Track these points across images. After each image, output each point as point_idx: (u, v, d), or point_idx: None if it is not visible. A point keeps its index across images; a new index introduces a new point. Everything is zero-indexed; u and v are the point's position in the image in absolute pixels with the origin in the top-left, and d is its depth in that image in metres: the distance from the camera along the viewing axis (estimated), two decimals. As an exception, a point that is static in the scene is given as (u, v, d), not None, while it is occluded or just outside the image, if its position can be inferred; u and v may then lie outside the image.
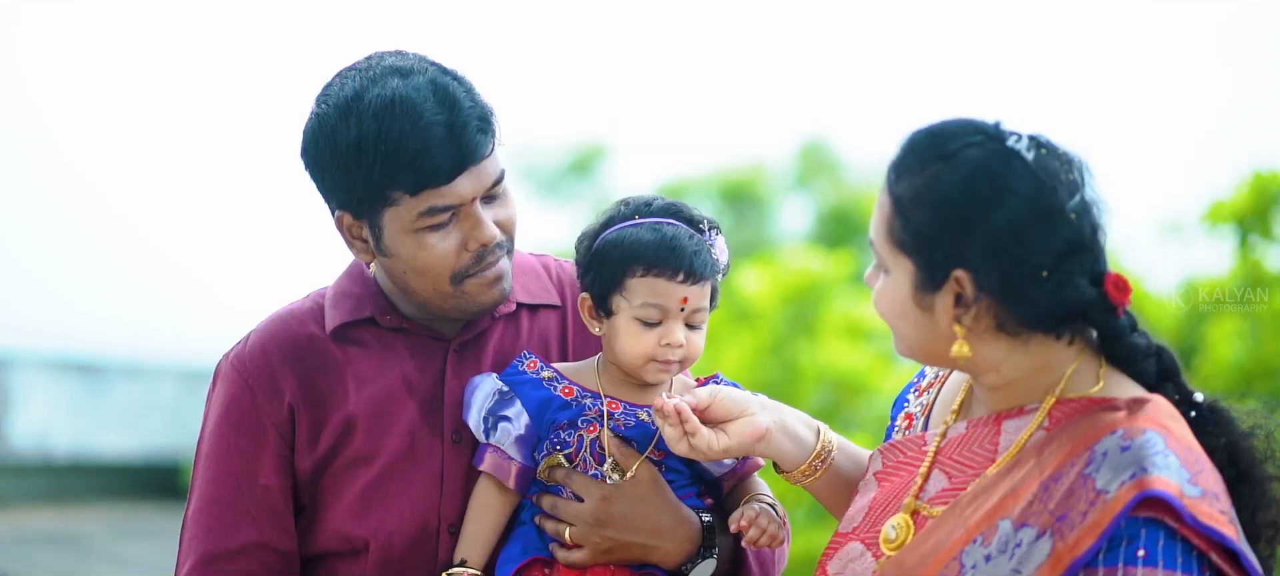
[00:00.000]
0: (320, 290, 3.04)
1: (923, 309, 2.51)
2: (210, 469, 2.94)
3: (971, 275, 2.46)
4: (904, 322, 2.54)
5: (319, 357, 2.94)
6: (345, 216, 2.88)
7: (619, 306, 2.83)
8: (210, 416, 2.97)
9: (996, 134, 2.50)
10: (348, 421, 2.92)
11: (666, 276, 2.80)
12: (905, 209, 2.49)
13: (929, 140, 2.52)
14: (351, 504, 2.91)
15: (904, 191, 2.50)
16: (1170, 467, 2.36)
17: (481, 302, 2.90)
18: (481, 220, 2.84)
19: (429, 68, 2.84)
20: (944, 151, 2.49)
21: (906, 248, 2.50)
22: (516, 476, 2.86)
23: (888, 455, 2.71)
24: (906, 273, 2.51)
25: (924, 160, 2.50)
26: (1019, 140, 2.49)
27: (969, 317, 2.48)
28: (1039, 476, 2.43)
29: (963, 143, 2.50)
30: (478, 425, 2.87)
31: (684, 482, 2.90)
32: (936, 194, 2.47)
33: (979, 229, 2.45)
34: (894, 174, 2.53)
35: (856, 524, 2.66)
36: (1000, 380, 2.54)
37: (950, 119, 2.55)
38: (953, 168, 2.47)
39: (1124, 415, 2.44)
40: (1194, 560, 2.35)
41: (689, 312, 2.81)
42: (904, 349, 2.60)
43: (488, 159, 2.83)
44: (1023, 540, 2.39)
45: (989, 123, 2.53)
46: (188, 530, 2.94)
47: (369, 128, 2.77)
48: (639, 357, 2.82)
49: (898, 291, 2.53)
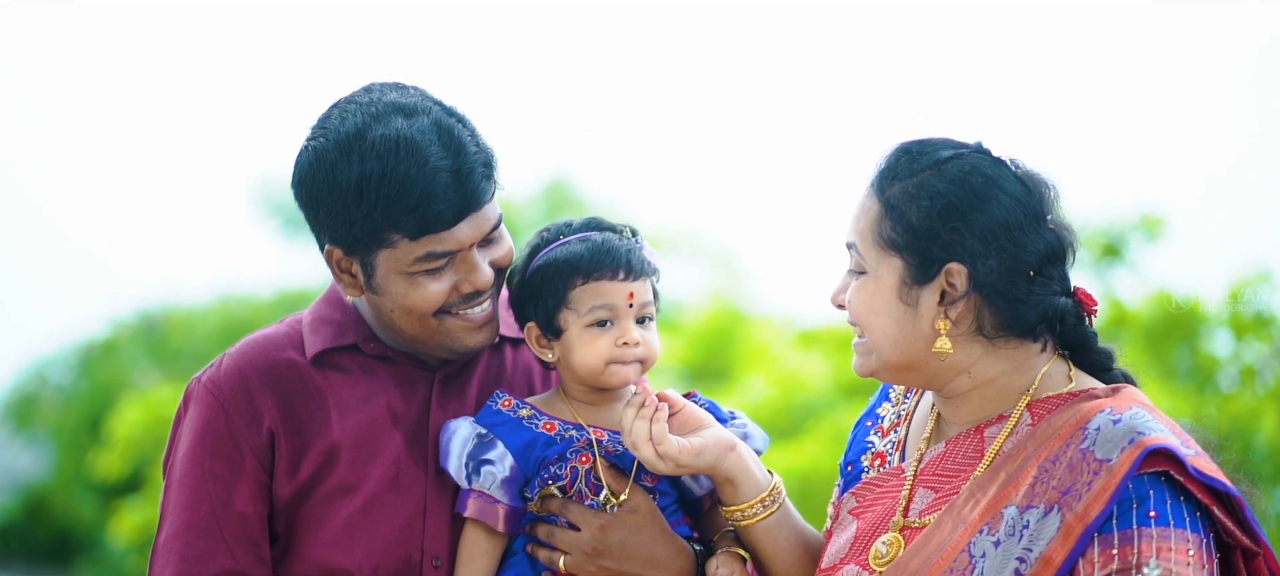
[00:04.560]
0: (295, 316, 2.99)
1: (907, 304, 2.61)
2: (183, 495, 2.86)
3: (966, 269, 2.57)
4: (882, 320, 2.62)
5: (299, 383, 2.89)
6: (336, 251, 2.83)
7: (567, 321, 2.86)
8: (182, 440, 2.89)
9: (981, 148, 2.65)
10: (331, 449, 2.87)
11: (608, 277, 2.84)
12: (898, 209, 2.60)
13: (920, 148, 2.65)
14: (333, 534, 2.86)
15: (895, 194, 2.61)
16: (1161, 430, 2.51)
17: (466, 344, 2.88)
18: (477, 265, 2.82)
19: (433, 108, 2.80)
20: (937, 159, 2.62)
21: (897, 245, 2.60)
22: (505, 518, 2.86)
23: (863, 494, 2.78)
24: (893, 270, 2.61)
25: (915, 166, 2.62)
26: (1000, 155, 2.65)
27: (954, 312, 2.59)
28: (1037, 460, 2.53)
29: (954, 151, 2.64)
30: (458, 470, 2.85)
31: (671, 508, 2.93)
32: (932, 189, 2.59)
33: (975, 221, 2.57)
34: (884, 180, 2.63)
35: (844, 554, 2.72)
36: (970, 383, 2.64)
37: (935, 136, 2.68)
38: (946, 170, 2.60)
39: (1106, 399, 2.58)
40: (1199, 519, 2.49)
41: (638, 308, 2.85)
42: (872, 359, 2.66)
43: (489, 204, 2.81)
44: (1030, 520, 2.49)
45: (967, 140, 2.67)
46: (159, 557, 2.86)
47: (372, 168, 2.73)
48: (598, 363, 2.84)
49: (880, 289, 2.62)
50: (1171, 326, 8.37)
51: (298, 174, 2.82)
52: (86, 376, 15.18)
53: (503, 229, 2.87)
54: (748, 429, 2.95)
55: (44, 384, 15.60)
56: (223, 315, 14.21)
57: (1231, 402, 7.65)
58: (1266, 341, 7.90)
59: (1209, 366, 8.09)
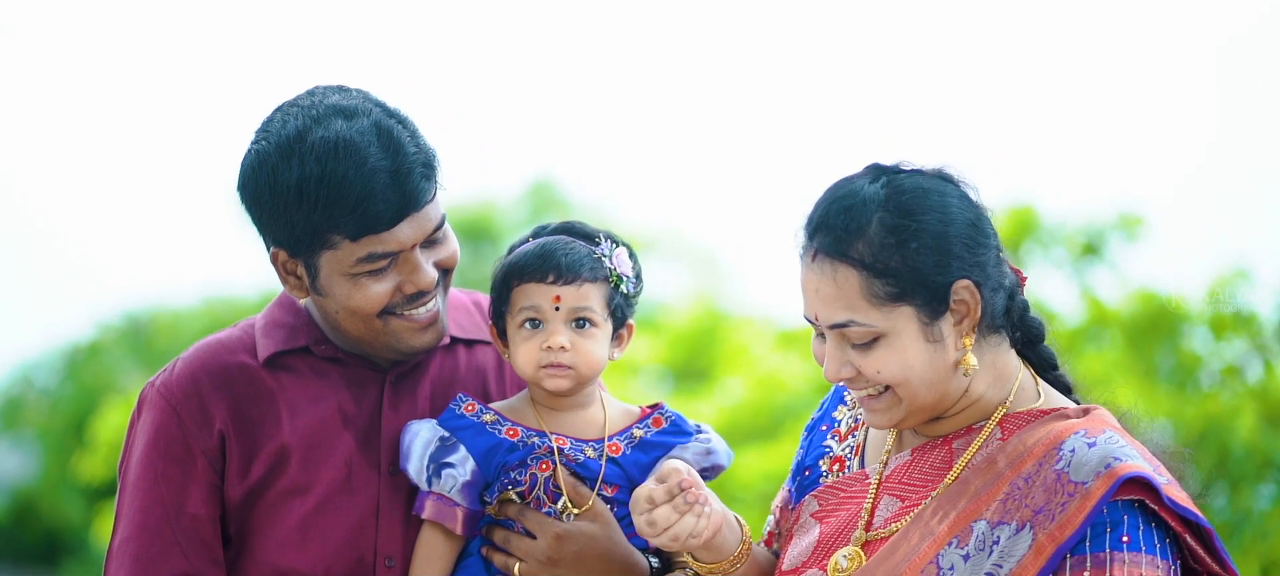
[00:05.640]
0: (248, 321, 3.01)
1: (933, 342, 2.57)
2: (137, 498, 2.88)
3: (969, 280, 2.56)
4: (918, 370, 2.57)
5: (250, 386, 2.90)
6: (281, 254, 2.86)
7: (508, 323, 2.90)
8: (135, 444, 2.92)
9: (884, 167, 2.62)
10: (281, 450, 2.89)
11: (535, 280, 2.86)
12: (879, 263, 2.54)
13: (847, 196, 2.58)
14: (285, 536, 2.88)
15: (864, 254, 2.54)
16: (1136, 457, 2.52)
17: (412, 344, 2.89)
18: (420, 265, 2.84)
19: (373, 109, 2.82)
20: (873, 197, 2.57)
21: (899, 296, 2.54)
22: (463, 521, 2.87)
23: (825, 497, 2.76)
24: (909, 318, 2.56)
25: (860, 219, 2.56)
26: (904, 165, 2.62)
27: (969, 324, 2.58)
28: (1010, 476, 2.54)
29: (872, 179, 2.59)
30: (419, 472, 2.86)
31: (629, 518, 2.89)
32: (899, 227, 2.55)
33: (951, 234, 2.56)
34: (838, 244, 2.56)
35: (805, 559, 2.72)
36: (967, 400, 2.62)
37: (833, 185, 2.62)
38: (893, 204, 2.56)
39: (1078, 420, 2.59)
40: (1169, 546, 2.51)
41: (567, 313, 2.86)
42: (899, 410, 2.61)
43: (429, 204, 2.82)
44: (1000, 536, 2.51)
45: (866, 166, 2.63)
46: (113, 560, 2.88)
47: (311, 170, 2.75)
48: (530, 365, 2.86)
49: (907, 343, 2.56)
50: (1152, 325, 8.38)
51: (241, 177, 2.84)
52: (72, 379, 15.20)
53: (447, 229, 2.89)
54: (712, 444, 2.94)
55: (30, 387, 15.61)
56: (208, 317, 14.22)
57: (1212, 400, 7.66)
58: (1247, 338, 7.92)
59: (1191, 364, 8.08)
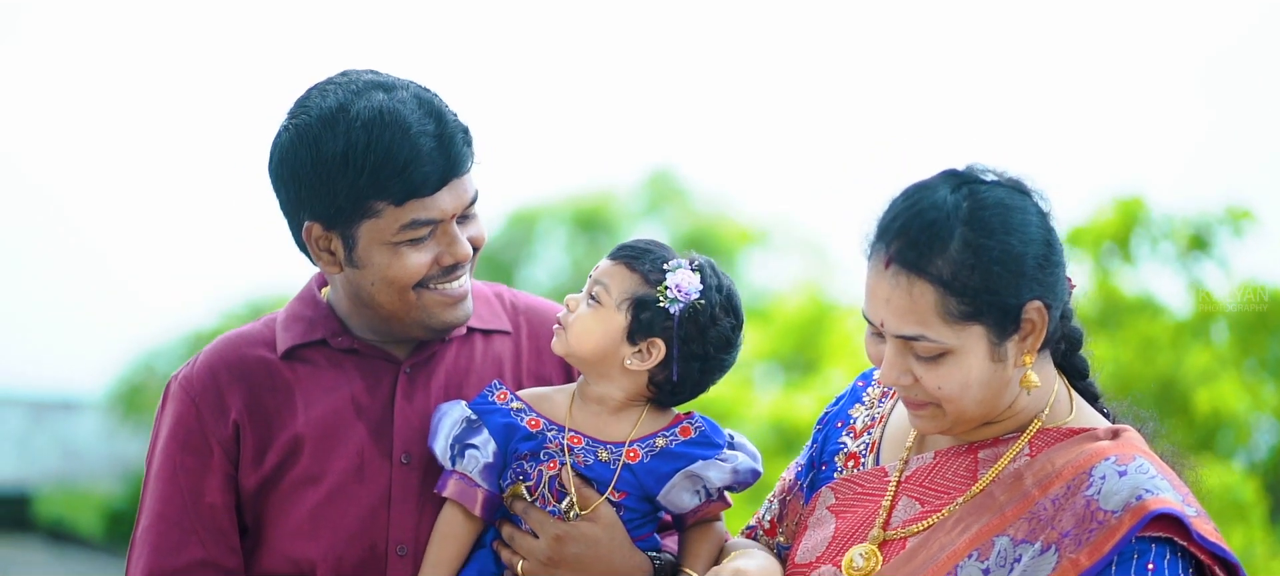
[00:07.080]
0: (271, 315, 3.06)
1: (997, 361, 2.53)
2: (158, 487, 2.95)
3: (1041, 302, 2.52)
4: (976, 388, 2.54)
5: (268, 377, 2.96)
6: (315, 227, 2.89)
7: None
8: (159, 435, 2.99)
9: (962, 175, 2.57)
10: (295, 440, 2.93)
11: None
12: (958, 282, 2.49)
13: (932, 215, 2.52)
14: (298, 525, 2.92)
15: (944, 270, 2.49)
16: (1166, 489, 2.49)
17: (444, 320, 2.94)
18: (457, 237, 2.89)
19: (410, 84, 2.89)
20: (955, 211, 2.51)
21: (972, 315, 2.50)
22: (483, 504, 2.89)
23: (842, 490, 2.75)
24: (978, 337, 2.51)
25: (942, 235, 2.51)
26: (983, 174, 2.56)
27: (1032, 342, 2.54)
28: (1037, 496, 2.52)
29: (951, 190, 2.53)
30: (444, 451, 2.89)
31: (639, 521, 2.92)
32: (980, 246, 2.49)
33: (1028, 255, 2.51)
34: (918, 258, 2.50)
35: (820, 553, 2.71)
36: (1010, 412, 2.59)
37: (909, 190, 2.57)
38: (975, 221, 2.50)
39: (1109, 444, 2.56)
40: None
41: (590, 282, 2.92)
42: (944, 421, 2.58)
43: (468, 174, 2.89)
44: (1022, 555, 2.49)
45: (942, 173, 2.58)
46: (136, 547, 2.95)
47: (358, 137, 2.81)
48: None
49: (973, 362, 2.53)
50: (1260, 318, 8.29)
51: (277, 154, 2.89)
52: (195, 366, 15.47)
53: (478, 209, 2.94)
54: (736, 463, 2.90)
55: (152, 374, 15.95)
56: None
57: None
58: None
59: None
